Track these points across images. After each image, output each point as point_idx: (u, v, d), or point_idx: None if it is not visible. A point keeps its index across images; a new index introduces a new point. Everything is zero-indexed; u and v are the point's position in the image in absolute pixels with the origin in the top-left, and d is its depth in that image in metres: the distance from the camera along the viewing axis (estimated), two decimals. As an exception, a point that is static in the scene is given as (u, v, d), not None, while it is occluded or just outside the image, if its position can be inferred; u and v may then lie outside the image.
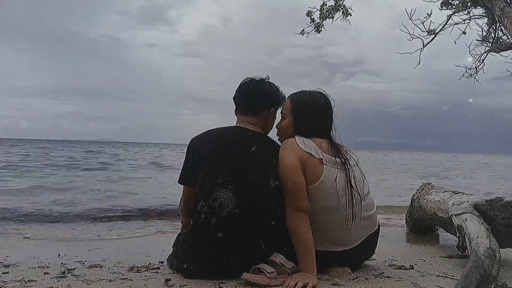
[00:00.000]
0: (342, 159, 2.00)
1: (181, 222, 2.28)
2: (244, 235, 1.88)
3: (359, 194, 1.99)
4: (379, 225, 2.19)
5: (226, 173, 1.90)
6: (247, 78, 2.17)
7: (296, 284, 1.76)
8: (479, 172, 20.37)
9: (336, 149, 2.03)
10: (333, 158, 1.99)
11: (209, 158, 1.96)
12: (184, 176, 2.06)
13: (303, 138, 2.01)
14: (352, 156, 2.09)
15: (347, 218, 1.96)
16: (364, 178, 2.08)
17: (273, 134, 2.20)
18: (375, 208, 2.15)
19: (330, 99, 2.14)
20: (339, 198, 1.95)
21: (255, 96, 2.12)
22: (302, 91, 2.15)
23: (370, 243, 2.12)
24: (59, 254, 2.67)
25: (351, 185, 1.97)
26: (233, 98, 2.18)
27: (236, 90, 2.17)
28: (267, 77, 2.16)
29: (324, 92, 2.14)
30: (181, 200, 2.17)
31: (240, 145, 1.99)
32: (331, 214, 1.97)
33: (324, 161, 1.96)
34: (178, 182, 2.09)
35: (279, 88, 2.18)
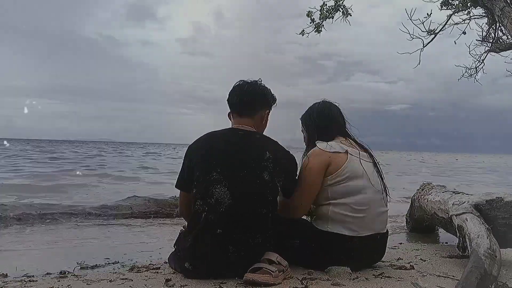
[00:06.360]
0: (366, 153, 2.18)
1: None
2: (242, 228, 1.91)
3: (383, 179, 2.17)
4: (387, 230, 2.25)
5: (219, 170, 1.95)
6: (240, 81, 2.21)
7: None
8: None
9: (359, 145, 2.22)
10: (358, 151, 2.15)
11: (203, 159, 2.02)
12: (180, 181, 2.12)
13: (326, 142, 2.14)
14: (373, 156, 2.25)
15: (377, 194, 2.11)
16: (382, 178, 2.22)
17: (268, 132, 2.26)
18: (388, 207, 2.23)
19: (335, 104, 2.33)
20: (366, 177, 2.08)
21: (252, 97, 2.16)
22: (308, 108, 2.37)
23: (380, 242, 2.19)
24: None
25: (377, 170, 2.16)
26: (228, 100, 2.20)
27: (230, 93, 2.20)
28: (260, 80, 2.21)
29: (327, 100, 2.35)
30: (179, 204, 2.25)
31: (232, 143, 2.04)
32: (360, 192, 2.06)
33: (349, 152, 2.11)
34: (175, 186, 2.15)
35: (271, 91, 2.24)
